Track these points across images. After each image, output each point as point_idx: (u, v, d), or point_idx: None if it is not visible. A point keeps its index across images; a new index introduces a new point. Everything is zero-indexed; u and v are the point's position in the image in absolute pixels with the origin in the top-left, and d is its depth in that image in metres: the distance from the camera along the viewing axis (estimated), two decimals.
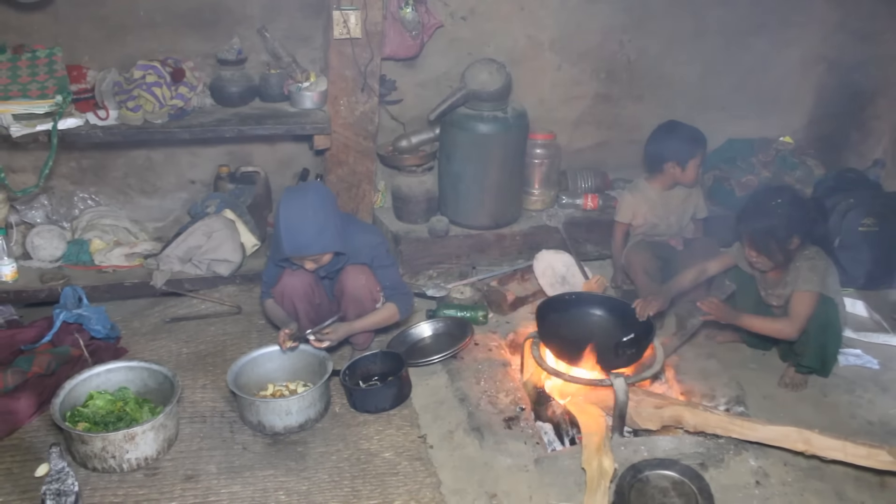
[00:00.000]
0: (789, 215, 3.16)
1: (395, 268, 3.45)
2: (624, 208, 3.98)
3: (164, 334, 3.61)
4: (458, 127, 4.04)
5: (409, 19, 4.02)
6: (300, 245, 3.05)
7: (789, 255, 3.21)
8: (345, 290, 3.29)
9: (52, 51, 3.65)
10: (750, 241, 3.23)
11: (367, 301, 3.30)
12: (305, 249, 3.07)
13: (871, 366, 3.51)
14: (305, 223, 3.03)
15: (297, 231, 3.03)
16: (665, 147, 3.81)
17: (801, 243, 3.21)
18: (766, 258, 3.21)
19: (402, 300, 3.40)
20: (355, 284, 3.27)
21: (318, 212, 3.05)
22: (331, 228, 3.08)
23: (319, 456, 2.88)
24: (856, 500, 2.70)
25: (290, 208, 3.05)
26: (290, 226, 3.03)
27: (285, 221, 3.04)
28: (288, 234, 3.04)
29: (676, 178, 3.84)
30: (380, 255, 3.34)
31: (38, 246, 3.84)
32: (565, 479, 2.74)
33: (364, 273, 3.29)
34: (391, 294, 3.37)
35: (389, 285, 3.37)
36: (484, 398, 3.17)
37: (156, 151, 4.21)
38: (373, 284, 3.31)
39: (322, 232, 3.05)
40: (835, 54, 4.98)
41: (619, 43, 4.63)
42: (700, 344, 3.62)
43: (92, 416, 2.88)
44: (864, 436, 2.97)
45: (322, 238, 3.06)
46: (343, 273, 3.29)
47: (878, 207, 4.17)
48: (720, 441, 2.89)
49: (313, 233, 3.04)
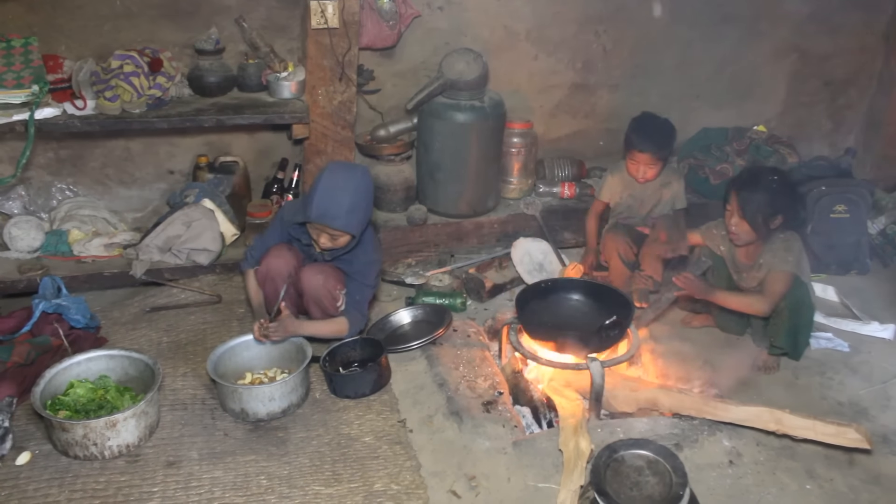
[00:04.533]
0: (782, 192, 3.24)
1: (371, 290, 3.40)
2: (604, 187, 4.07)
3: (144, 324, 3.61)
4: (435, 116, 4.07)
5: (387, 9, 4.04)
6: (329, 213, 3.03)
7: (769, 232, 3.28)
8: (304, 291, 3.29)
9: (27, 40, 3.62)
10: (739, 205, 3.28)
11: (327, 300, 3.28)
12: (331, 219, 3.04)
13: (842, 348, 3.58)
14: (344, 195, 3.01)
15: (332, 199, 3.01)
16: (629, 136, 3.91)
17: (781, 224, 3.28)
18: (748, 227, 3.27)
19: (357, 319, 3.33)
20: (313, 284, 3.26)
21: (360, 192, 3.05)
22: (361, 212, 3.08)
23: (300, 441, 2.90)
24: (826, 478, 2.77)
25: (334, 177, 3.03)
26: (328, 192, 3.01)
27: (325, 186, 3.01)
28: (322, 199, 3.01)
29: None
30: (368, 272, 3.33)
31: (16, 237, 3.82)
32: (543, 460, 2.79)
33: (322, 272, 3.27)
34: (351, 308, 3.33)
35: (356, 300, 3.33)
36: (462, 383, 3.22)
37: (134, 141, 4.20)
38: (332, 284, 3.27)
39: (353, 211, 3.04)
40: (806, 45, 5.05)
41: (594, 33, 4.67)
42: (675, 328, 3.69)
43: (73, 405, 2.88)
44: (835, 416, 3.05)
45: (351, 217, 3.05)
46: (302, 272, 3.29)
47: (849, 195, 4.25)
48: (694, 422, 2.96)
49: (346, 207, 3.02)
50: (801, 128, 5.28)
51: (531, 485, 2.70)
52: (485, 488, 2.69)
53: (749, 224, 3.27)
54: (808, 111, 5.28)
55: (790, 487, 2.72)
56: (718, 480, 2.73)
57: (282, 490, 2.64)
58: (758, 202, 3.24)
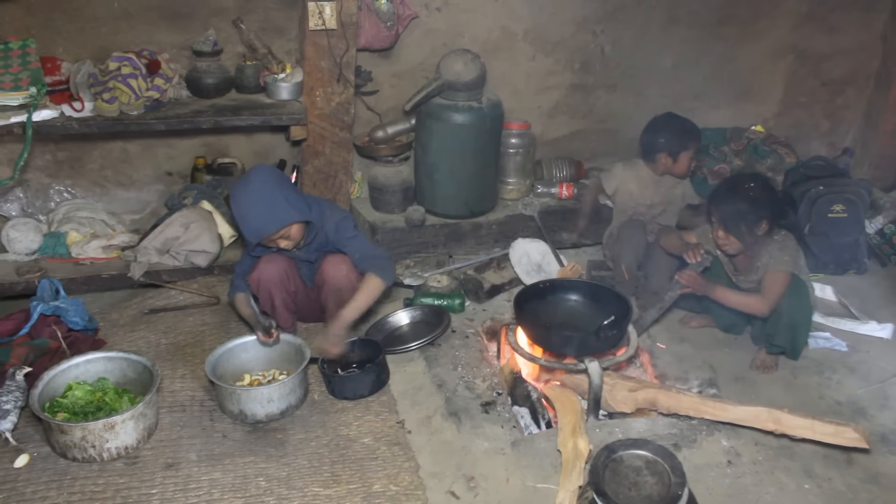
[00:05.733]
0: (760, 199, 3.24)
1: (362, 237, 3.34)
2: (612, 178, 4.07)
3: (143, 325, 3.61)
4: (433, 117, 4.07)
5: (384, 10, 4.04)
6: (257, 228, 3.05)
7: (757, 238, 3.28)
8: (326, 280, 3.28)
9: (25, 42, 3.62)
10: (721, 222, 3.30)
11: (348, 291, 3.26)
12: (264, 231, 3.06)
13: (840, 348, 3.59)
14: (254, 207, 3.02)
15: (249, 217, 3.03)
16: (658, 138, 3.89)
17: (769, 228, 3.28)
18: (735, 240, 3.28)
19: (381, 265, 3.23)
20: (336, 274, 3.26)
21: (264, 191, 3.03)
22: (281, 202, 3.04)
23: (299, 442, 2.90)
24: (824, 477, 2.77)
25: (237, 199, 3.04)
26: (242, 214, 3.04)
27: (237, 211, 3.04)
28: (243, 223, 3.05)
29: (668, 168, 3.93)
30: (344, 228, 3.28)
31: (14, 239, 3.81)
32: (541, 460, 2.79)
33: (345, 262, 3.26)
34: (366, 263, 3.24)
35: (361, 255, 3.26)
36: (461, 384, 3.22)
37: (132, 143, 4.20)
38: (353, 274, 3.27)
39: (273, 208, 3.03)
40: (804, 45, 5.05)
41: (592, 33, 4.67)
42: (673, 329, 3.69)
43: (71, 407, 2.88)
44: (833, 415, 3.06)
45: (275, 214, 3.04)
46: (324, 262, 3.28)
47: (847, 195, 4.25)
48: (693, 422, 2.96)
49: (265, 213, 3.02)
50: (799, 128, 5.28)
51: (530, 485, 2.70)
52: (483, 489, 2.70)
53: (735, 237, 3.28)
54: (805, 111, 5.29)
55: (789, 487, 2.72)
56: (717, 480, 2.73)
57: (280, 491, 2.64)
58: (739, 214, 3.24)
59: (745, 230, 3.24)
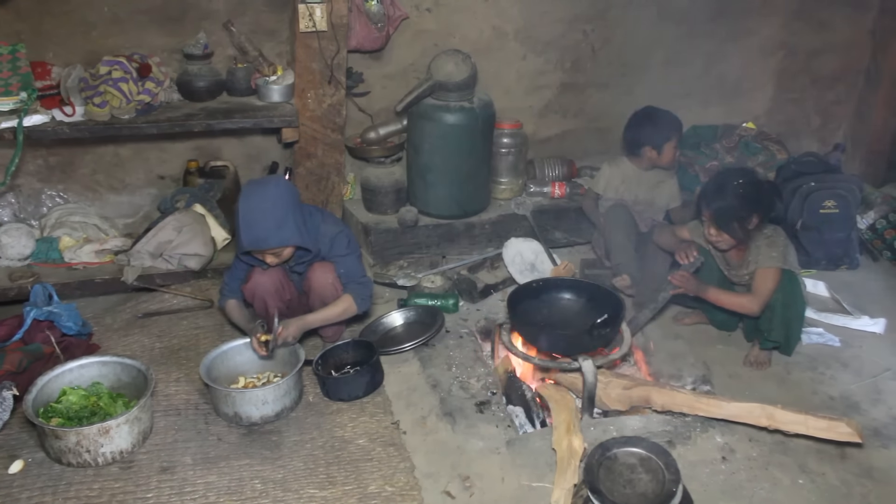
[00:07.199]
0: (749, 195, 3.25)
1: (353, 256, 3.33)
2: (600, 179, 4.13)
3: (137, 330, 3.61)
4: (425, 118, 4.07)
5: (375, 11, 4.04)
6: (258, 238, 3.03)
7: (748, 233, 3.29)
8: (311, 287, 3.29)
9: (14, 47, 3.61)
10: (711, 218, 3.30)
11: (332, 300, 3.27)
12: (263, 243, 3.05)
13: (833, 343, 3.60)
14: (265, 216, 3.00)
15: (255, 224, 3.01)
16: (641, 132, 3.94)
17: (759, 223, 3.29)
18: (726, 236, 3.29)
19: (358, 291, 3.29)
20: (323, 283, 3.26)
21: (278, 206, 3.02)
22: (290, 223, 3.05)
23: (294, 444, 2.90)
24: (818, 472, 2.78)
25: (249, 201, 3.02)
26: (249, 219, 3.01)
27: (244, 214, 3.02)
28: (246, 227, 3.02)
29: (654, 161, 3.97)
30: (338, 245, 3.28)
31: (6, 244, 3.80)
32: (536, 459, 2.79)
33: (332, 272, 3.27)
34: (346, 283, 3.29)
35: (344, 273, 3.28)
36: (455, 384, 3.22)
37: (124, 147, 4.20)
38: (339, 284, 3.28)
39: (281, 226, 3.03)
40: (794, 41, 5.07)
41: (582, 32, 4.68)
42: (667, 326, 3.70)
43: (65, 412, 2.87)
44: (826, 410, 3.07)
45: (281, 232, 3.04)
46: (310, 270, 3.28)
47: (838, 190, 4.26)
48: (687, 419, 2.97)
49: (272, 226, 3.01)
50: (790, 124, 5.31)
51: (525, 484, 2.71)
52: (479, 488, 2.70)
53: (726, 233, 3.29)
54: (796, 108, 5.31)
55: (783, 482, 2.73)
56: (711, 476, 2.74)
57: (276, 494, 2.64)
58: (729, 210, 3.24)
59: (736, 226, 3.25)
